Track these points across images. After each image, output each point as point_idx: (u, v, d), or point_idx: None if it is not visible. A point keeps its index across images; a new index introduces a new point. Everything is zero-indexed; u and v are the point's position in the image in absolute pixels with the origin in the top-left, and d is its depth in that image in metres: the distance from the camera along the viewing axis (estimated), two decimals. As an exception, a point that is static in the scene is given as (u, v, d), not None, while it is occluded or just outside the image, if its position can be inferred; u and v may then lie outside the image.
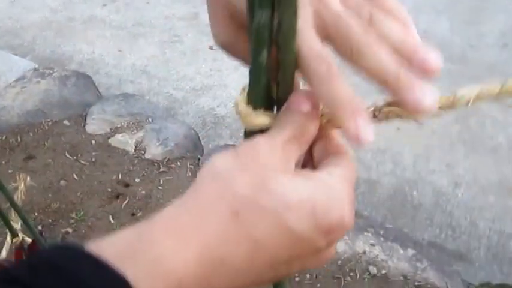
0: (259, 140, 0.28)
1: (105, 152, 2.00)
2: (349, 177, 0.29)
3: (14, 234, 1.04)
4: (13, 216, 1.00)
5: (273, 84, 0.29)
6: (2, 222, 1.00)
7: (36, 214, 1.70)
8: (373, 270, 1.54)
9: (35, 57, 2.70)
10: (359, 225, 1.73)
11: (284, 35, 0.25)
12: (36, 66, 2.47)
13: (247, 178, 0.26)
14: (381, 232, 1.71)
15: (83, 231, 1.68)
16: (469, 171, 2.21)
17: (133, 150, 2.02)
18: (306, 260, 0.28)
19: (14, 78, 2.33)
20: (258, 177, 0.26)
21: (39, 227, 1.62)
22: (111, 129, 2.12)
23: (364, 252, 1.61)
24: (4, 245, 1.05)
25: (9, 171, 1.83)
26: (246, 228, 0.25)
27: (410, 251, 1.64)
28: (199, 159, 2.03)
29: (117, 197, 1.79)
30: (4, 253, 1.04)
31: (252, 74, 0.27)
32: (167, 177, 1.89)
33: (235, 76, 2.57)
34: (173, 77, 2.63)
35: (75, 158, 1.95)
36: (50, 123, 2.13)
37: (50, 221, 1.70)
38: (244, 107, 0.29)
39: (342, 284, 1.47)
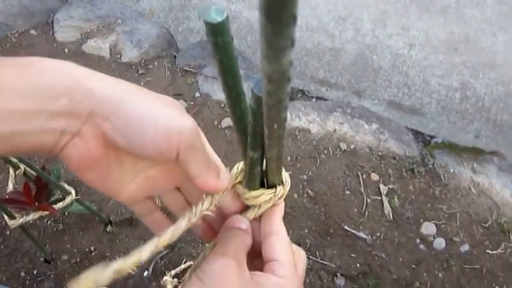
0: (217, 265, 0.33)
1: (81, 59, 1.91)
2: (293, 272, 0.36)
3: (15, 167, 1.04)
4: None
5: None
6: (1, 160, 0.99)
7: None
8: (343, 146, 1.64)
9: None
10: (328, 106, 1.79)
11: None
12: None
13: None
14: (348, 111, 1.78)
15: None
16: (421, 33, 2.27)
17: (108, 56, 1.93)
18: None
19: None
20: None
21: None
22: (81, 35, 2.00)
23: (335, 131, 1.70)
24: (9, 178, 1.06)
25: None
26: None
27: (374, 126, 1.73)
28: (175, 56, 1.98)
29: (102, 103, 1.77)
30: (10, 186, 1.06)
31: (248, 166, 0.35)
32: (147, 79, 1.86)
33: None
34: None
35: (52, 68, 1.86)
36: (16, 35, 1.98)
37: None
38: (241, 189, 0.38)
39: (318, 161, 1.57)
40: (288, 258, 0.36)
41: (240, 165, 0.37)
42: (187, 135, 0.30)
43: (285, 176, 0.37)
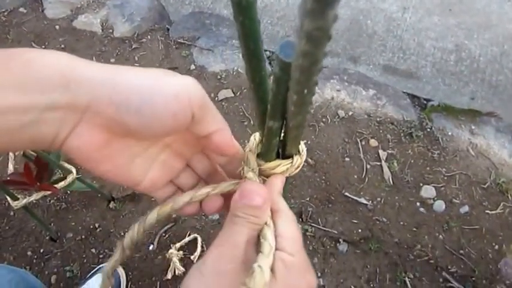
0: (221, 258, 0.30)
1: (72, 36, 1.84)
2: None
3: (15, 148, 1.01)
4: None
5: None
6: None
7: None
8: (341, 113, 1.61)
9: None
10: (325, 74, 1.74)
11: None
12: None
13: None
14: (345, 78, 1.74)
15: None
16: (415, -6, 2.20)
17: (100, 31, 1.86)
18: None
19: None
20: None
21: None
22: (71, 10, 1.92)
23: (332, 98, 1.66)
24: (9, 160, 1.03)
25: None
26: None
27: (371, 91, 1.69)
28: (168, 29, 1.91)
29: (97, 80, 1.71)
30: (11, 167, 1.03)
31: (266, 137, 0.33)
32: (141, 53, 1.80)
33: None
34: None
35: (43, 47, 1.79)
36: (6, 14, 1.90)
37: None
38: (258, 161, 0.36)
39: (317, 129, 1.54)
40: (296, 234, 0.34)
41: (256, 136, 0.35)
42: (196, 91, 0.28)
43: (302, 145, 0.35)
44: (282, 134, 0.33)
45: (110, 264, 0.35)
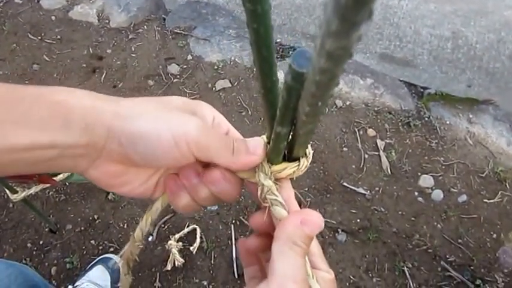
0: None
1: (69, 27, 1.79)
2: None
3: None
4: None
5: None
6: None
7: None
8: (339, 103, 1.57)
9: None
10: (323, 63, 1.70)
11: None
12: None
13: None
14: (343, 67, 1.70)
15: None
16: (412, -18, 2.15)
17: (97, 21, 1.81)
18: None
19: None
20: None
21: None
22: (67, 1, 1.86)
23: (330, 88, 1.62)
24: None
25: (-21, 63, 1.65)
26: None
27: (369, 81, 1.66)
28: (164, 19, 1.86)
29: (94, 71, 1.67)
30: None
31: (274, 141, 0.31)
32: (137, 43, 1.75)
33: None
34: None
35: (39, 38, 1.75)
36: (1, 5, 1.85)
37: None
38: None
39: (314, 120, 1.51)
40: (320, 250, 0.33)
41: (264, 138, 0.34)
42: (194, 136, 0.30)
43: (309, 148, 0.34)
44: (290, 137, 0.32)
45: (125, 259, 0.37)
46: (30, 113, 0.27)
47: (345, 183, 1.35)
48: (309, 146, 0.34)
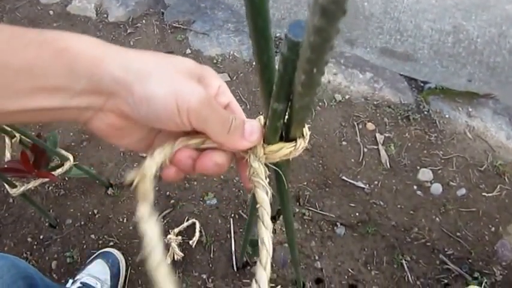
0: None
1: (67, 21, 1.79)
2: None
3: (10, 136, 0.99)
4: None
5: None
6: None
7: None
8: (338, 97, 1.57)
9: None
10: (322, 57, 1.70)
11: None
12: None
13: None
14: (342, 61, 1.70)
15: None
16: (412, -25, 2.14)
17: (95, 16, 1.81)
18: None
19: None
20: None
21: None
22: (65, -5, 1.86)
23: (329, 82, 1.62)
24: (6, 147, 1.00)
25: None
26: None
27: (368, 74, 1.66)
28: (163, 13, 1.86)
29: (93, 65, 1.67)
30: (8, 155, 1.00)
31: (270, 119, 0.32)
32: (136, 38, 1.75)
33: None
34: None
35: (38, 32, 1.75)
36: (-1, -1, 1.85)
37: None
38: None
39: (314, 113, 1.51)
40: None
41: (260, 119, 0.35)
42: (196, 107, 0.30)
43: (306, 128, 0.34)
44: (286, 117, 0.32)
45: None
46: (34, 62, 0.26)
47: (343, 177, 1.35)
48: (306, 126, 0.34)
